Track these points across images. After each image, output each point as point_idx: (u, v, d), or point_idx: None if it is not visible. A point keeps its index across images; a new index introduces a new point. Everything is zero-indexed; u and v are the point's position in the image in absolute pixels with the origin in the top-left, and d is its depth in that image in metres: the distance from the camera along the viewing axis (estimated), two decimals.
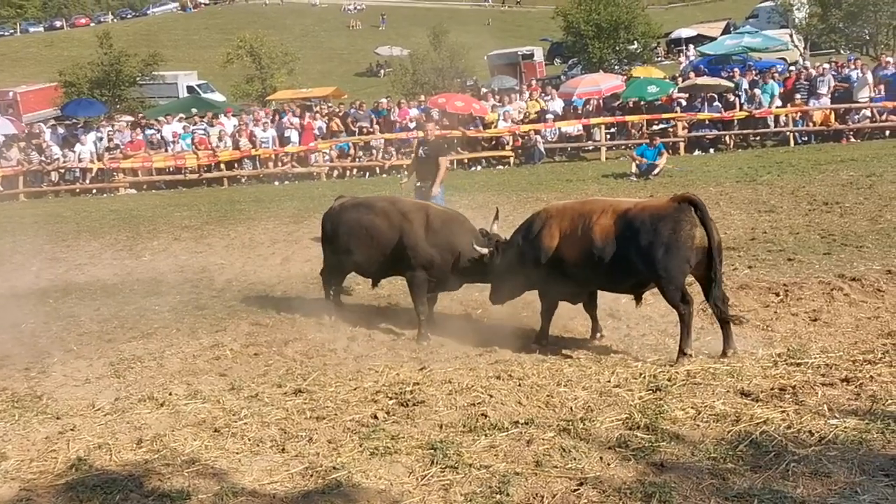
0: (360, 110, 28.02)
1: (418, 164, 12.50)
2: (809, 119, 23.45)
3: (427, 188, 12.07)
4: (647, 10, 43.89)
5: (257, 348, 8.77)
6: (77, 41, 64.93)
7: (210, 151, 26.06)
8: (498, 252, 8.63)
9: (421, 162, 12.43)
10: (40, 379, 8.12)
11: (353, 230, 9.58)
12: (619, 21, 38.86)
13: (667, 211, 7.49)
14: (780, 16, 41.33)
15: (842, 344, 7.54)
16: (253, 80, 43.56)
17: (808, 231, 12.07)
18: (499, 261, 8.62)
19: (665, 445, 5.59)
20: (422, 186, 12.20)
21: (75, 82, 41.61)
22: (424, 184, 12.22)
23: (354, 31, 75.06)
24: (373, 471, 5.54)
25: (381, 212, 9.53)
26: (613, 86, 27.27)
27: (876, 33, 34.05)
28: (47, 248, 15.55)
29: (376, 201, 10.06)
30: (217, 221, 17.44)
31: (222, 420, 6.62)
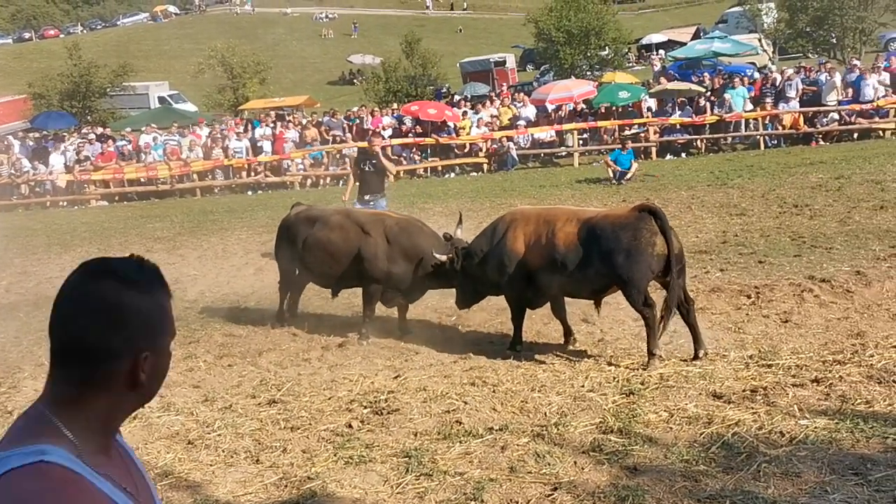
0: (334, 119, 28.00)
1: (364, 177, 12.08)
2: (779, 122, 23.69)
3: (376, 200, 11.89)
4: (617, 15, 44.15)
5: (231, 359, 8.72)
6: (46, 53, 64.36)
7: (182, 162, 25.93)
8: (459, 257, 8.66)
9: (366, 175, 12.05)
10: (11, 394, 8.03)
11: (309, 242, 9.56)
12: (589, 27, 39.11)
13: (628, 220, 7.62)
14: (748, 21, 41.78)
15: (812, 345, 7.61)
16: (225, 89, 43.38)
17: (779, 233, 12.19)
18: (460, 266, 8.65)
19: (638, 449, 5.63)
20: (370, 199, 11.89)
21: (45, 94, 41.31)
22: (373, 196, 11.96)
23: (326, 39, 74.98)
24: (348, 480, 5.54)
25: (337, 224, 9.52)
26: (585, 92, 27.42)
27: (842, 37, 34.45)
28: (17, 261, 15.40)
29: (332, 213, 10.03)
30: (190, 232, 17.35)
31: (196, 432, 6.60)
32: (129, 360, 1.69)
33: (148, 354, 1.71)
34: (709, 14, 59.39)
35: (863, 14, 33.59)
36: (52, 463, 1.59)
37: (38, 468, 1.58)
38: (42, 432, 1.65)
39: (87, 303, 1.68)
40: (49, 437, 1.64)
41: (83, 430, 1.68)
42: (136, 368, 1.69)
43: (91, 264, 1.76)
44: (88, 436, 1.69)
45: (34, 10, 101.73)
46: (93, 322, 1.66)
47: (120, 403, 1.74)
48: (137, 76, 46.47)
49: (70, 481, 1.60)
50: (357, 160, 12.60)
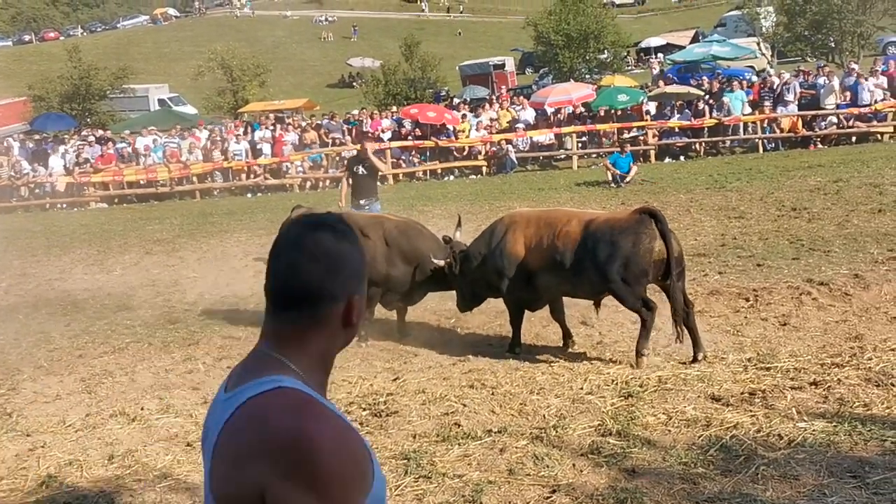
0: (333, 121, 28.02)
1: (356, 181, 12.03)
2: (777, 126, 23.71)
3: (371, 205, 11.85)
4: (616, 19, 44.16)
5: (230, 361, 8.70)
6: (46, 55, 64.35)
7: (181, 164, 25.94)
8: (457, 261, 8.67)
9: (359, 179, 12.00)
10: (10, 396, 8.03)
11: None
12: (588, 31, 39.08)
13: (628, 223, 7.63)
14: (747, 24, 41.82)
15: (810, 348, 7.62)
16: (224, 92, 43.37)
17: (777, 237, 12.20)
18: (458, 269, 8.67)
19: (637, 451, 5.64)
20: (366, 204, 11.84)
21: (45, 96, 41.35)
22: (368, 200, 11.91)
23: (326, 42, 74.92)
24: None
25: None
26: (584, 95, 27.45)
27: (840, 41, 34.48)
28: (17, 263, 15.40)
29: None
30: (189, 234, 17.36)
31: (195, 434, 6.59)
32: (344, 302, 1.89)
33: (357, 297, 1.92)
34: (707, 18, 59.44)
35: (861, 18, 33.63)
36: (289, 387, 1.79)
37: (277, 391, 1.77)
38: (272, 367, 1.83)
39: (311, 251, 1.87)
40: (279, 370, 1.83)
41: (307, 366, 1.87)
42: (350, 309, 1.90)
43: (305, 218, 1.95)
44: (311, 373, 1.87)
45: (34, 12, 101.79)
46: (317, 268, 1.86)
47: (335, 341, 1.93)
48: (137, 79, 46.45)
49: (310, 399, 1.79)
50: (350, 164, 12.54)
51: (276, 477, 1.65)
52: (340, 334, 1.92)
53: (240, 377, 1.87)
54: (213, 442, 1.80)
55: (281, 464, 1.66)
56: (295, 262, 1.86)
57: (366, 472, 1.74)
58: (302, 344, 1.87)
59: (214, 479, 1.76)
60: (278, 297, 1.89)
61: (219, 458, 1.76)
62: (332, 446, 1.69)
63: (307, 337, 1.87)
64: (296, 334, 1.87)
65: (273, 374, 1.80)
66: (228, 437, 1.75)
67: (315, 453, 1.66)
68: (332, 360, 1.96)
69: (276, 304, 1.89)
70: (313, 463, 1.66)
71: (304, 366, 1.85)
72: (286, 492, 1.64)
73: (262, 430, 1.70)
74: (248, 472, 1.68)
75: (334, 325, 1.89)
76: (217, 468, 1.76)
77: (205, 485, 1.87)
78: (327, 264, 1.86)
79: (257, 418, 1.72)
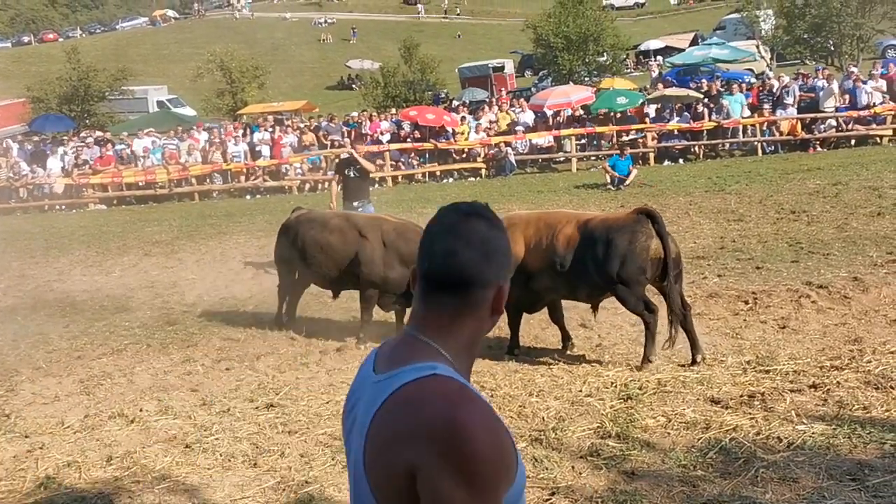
0: (332, 123, 28.02)
1: (350, 184, 12.06)
2: (777, 129, 23.73)
3: (364, 206, 11.86)
4: (615, 22, 44.21)
5: (229, 363, 8.72)
6: (45, 56, 64.40)
7: (180, 166, 25.94)
8: None
9: (351, 181, 12.03)
10: (8, 397, 8.02)
11: (307, 245, 9.59)
12: (588, 33, 39.13)
13: (625, 223, 7.64)
14: (746, 27, 41.81)
15: (809, 351, 7.62)
16: (223, 94, 43.36)
17: (776, 239, 12.20)
18: None
19: (636, 454, 5.64)
20: (359, 206, 11.84)
21: (43, 98, 41.32)
22: (361, 202, 11.93)
23: (325, 44, 74.95)
24: (345, 484, 5.51)
25: (336, 227, 9.54)
26: (583, 97, 27.46)
27: (840, 44, 34.50)
28: (15, 264, 15.39)
29: (331, 216, 10.07)
30: (188, 236, 17.35)
31: (193, 436, 6.59)
32: (494, 289, 1.94)
33: (505, 284, 1.97)
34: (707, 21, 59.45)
35: (860, 21, 33.64)
36: (444, 375, 1.84)
37: (433, 378, 1.83)
38: (425, 352, 1.90)
39: (467, 237, 1.92)
40: (432, 356, 1.89)
41: (456, 352, 1.93)
42: (500, 295, 1.96)
43: (461, 206, 2.00)
44: (460, 358, 1.94)
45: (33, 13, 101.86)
46: (473, 254, 1.91)
47: (482, 327, 1.98)
48: (136, 80, 46.40)
49: (464, 388, 1.85)
50: (341, 167, 12.52)
51: (428, 460, 1.72)
52: (487, 321, 1.97)
53: (391, 360, 1.93)
54: (364, 423, 1.86)
55: (435, 448, 1.72)
56: (453, 248, 1.91)
57: (511, 464, 1.80)
58: (452, 330, 1.93)
59: (368, 458, 1.83)
60: (433, 281, 1.94)
61: (373, 439, 1.82)
62: (484, 436, 1.75)
63: (458, 323, 1.93)
64: (447, 320, 1.93)
65: (427, 360, 1.87)
66: (384, 420, 1.82)
67: (468, 441, 1.72)
68: (479, 347, 2.03)
69: (431, 288, 1.95)
70: (466, 450, 1.72)
71: (454, 352, 1.92)
72: (437, 474, 1.71)
73: (418, 416, 1.76)
74: (403, 454, 1.75)
75: (483, 310, 1.94)
76: (371, 449, 1.83)
77: (350, 461, 1.95)
78: (482, 251, 1.92)
79: (414, 404, 1.79)
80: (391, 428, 1.79)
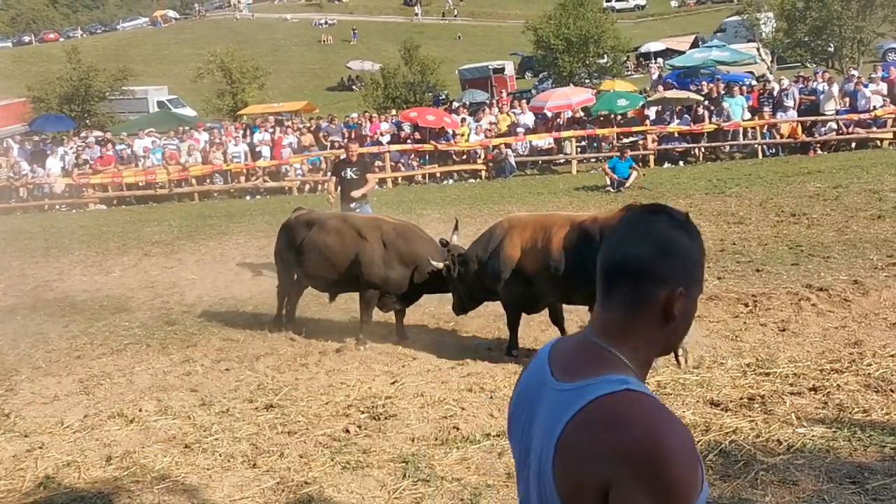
0: (332, 124, 28.02)
1: (347, 185, 12.05)
2: (777, 132, 23.72)
3: (361, 207, 11.86)
4: (616, 24, 44.23)
5: (228, 363, 8.72)
6: (46, 56, 64.42)
7: (180, 166, 25.94)
8: (455, 264, 8.67)
9: (349, 183, 12.01)
10: (8, 397, 8.02)
11: (306, 246, 9.58)
12: (588, 35, 39.14)
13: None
14: (747, 30, 41.83)
15: (809, 353, 7.62)
16: (224, 94, 43.37)
17: (777, 242, 12.20)
18: (456, 272, 8.66)
19: None
20: (356, 207, 11.84)
21: (44, 98, 41.35)
22: (358, 204, 11.93)
23: (325, 45, 74.99)
24: (344, 485, 5.54)
25: (334, 228, 9.54)
26: (584, 99, 27.46)
27: (840, 47, 34.51)
28: (15, 264, 15.39)
29: (330, 216, 10.07)
30: (188, 237, 17.35)
31: (193, 436, 6.59)
32: (668, 290, 1.88)
33: (682, 291, 1.90)
34: (707, 23, 59.50)
35: (861, 24, 33.66)
36: (637, 390, 1.81)
37: (629, 394, 1.80)
38: (611, 363, 1.87)
39: (643, 230, 1.91)
40: (620, 368, 1.86)
41: (636, 364, 1.89)
42: (671, 299, 1.88)
43: (649, 206, 1.99)
44: (640, 370, 1.91)
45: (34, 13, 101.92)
46: (645, 245, 1.88)
47: (654, 339, 1.93)
48: (137, 80, 46.47)
49: (662, 406, 1.81)
50: (336, 169, 12.51)
51: (625, 479, 1.71)
52: (659, 333, 1.92)
53: (574, 368, 1.90)
54: (553, 433, 1.84)
55: (633, 469, 1.71)
56: (625, 240, 1.91)
57: (698, 482, 1.78)
58: (627, 337, 1.90)
59: (559, 469, 1.81)
60: (606, 274, 1.93)
61: (566, 451, 1.81)
62: (682, 458, 1.74)
63: (633, 326, 1.90)
64: (622, 322, 1.90)
65: (616, 372, 1.85)
66: (579, 434, 1.80)
67: (667, 464, 1.71)
68: (652, 362, 1.99)
69: (605, 284, 1.93)
70: (662, 471, 1.71)
71: (635, 363, 1.90)
72: (633, 494, 1.71)
73: (617, 432, 1.75)
74: (600, 471, 1.74)
75: (656, 315, 1.89)
76: (562, 461, 1.81)
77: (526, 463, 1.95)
78: (656, 246, 1.88)
79: (611, 420, 1.77)
80: (587, 443, 1.78)
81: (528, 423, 1.98)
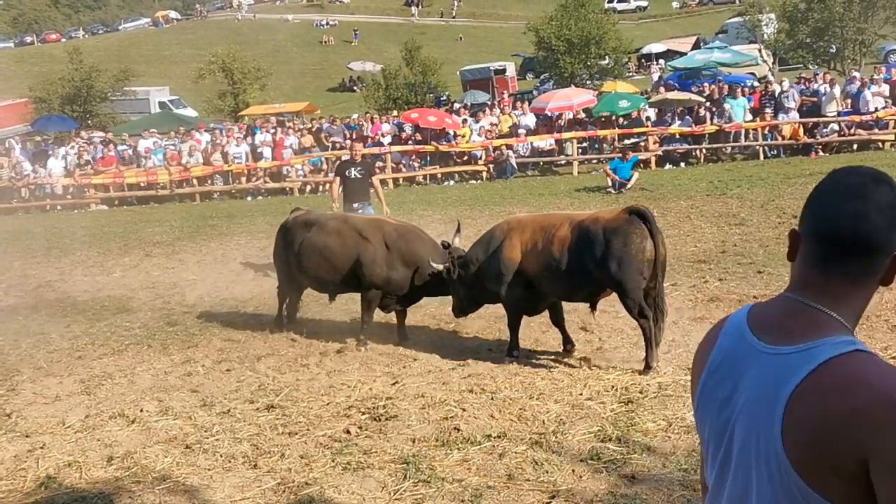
0: (334, 125, 28.05)
1: (351, 185, 12.00)
2: (779, 133, 23.73)
3: (364, 208, 11.85)
4: (617, 25, 44.23)
5: (229, 364, 8.72)
6: (48, 57, 64.46)
7: (181, 167, 25.97)
8: (455, 266, 8.66)
9: (354, 183, 11.98)
10: (9, 397, 8.03)
11: (306, 247, 9.58)
12: (589, 36, 39.14)
13: (618, 223, 7.61)
14: (748, 31, 41.83)
15: None
16: (225, 95, 43.40)
17: (778, 244, 12.19)
18: (456, 275, 8.66)
19: (636, 457, 5.63)
20: (359, 207, 11.80)
21: (46, 98, 41.42)
22: (361, 204, 11.91)
23: (327, 46, 75.04)
24: (345, 486, 5.54)
25: (335, 229, 9.54)
26: (585, 100, 27.47)
27: (842, 49, 34.50)
28: (17, 264, 15.40)
29: (330, 217, 10.06)
30: (189, 237, 17.36)
31: (194, 436, 6.60)
32: (891, 258, 1.87)
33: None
34: (709, 24, 59.51)
35: (863, 26, 33.64)
36: (866, 351, 1.79)
37: (861, 354, 1.77)
38: (830, 325, 1.85)
39: (877, 202, 1.85)
40: (839, 330, 1.84)
41: (852, 323, 1.88)
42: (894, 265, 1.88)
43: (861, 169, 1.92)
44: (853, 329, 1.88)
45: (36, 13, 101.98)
46: (882, 220, 1.85)
47: (868, 300, 1.94)
48: (138, 81, 46.54)
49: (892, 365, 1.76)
50: (341, 168, 12.49)
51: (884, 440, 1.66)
52: (873, 294, 1.93)
53: (789, 333, 1.86)
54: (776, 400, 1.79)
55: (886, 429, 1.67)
56: (863, 211, 1.85)
57: None
58: (849, 298, 1.89)
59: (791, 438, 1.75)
60: (837, 245, 1.88)
61: (797, 419, 1.75)
62: None
63: (856, 291, 1.89)
64: (844, 288, 1.88)
65: (837, 333, 1.82)
66: (812, 398, 1.74)
67: None
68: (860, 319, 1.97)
69: (833, 253, 1.89)
70: None
71: (851, 324, 1.88)
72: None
73: (859, 395, 1.70)
74: (852, 438, 1.69)
75: (874, 282, 1.90)
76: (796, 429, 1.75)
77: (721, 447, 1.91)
78: (890, 216, 1.85)
79: (849, 382, 1.72)
80: (827, 409, 1.72)
81: (731, 392, 1.91)
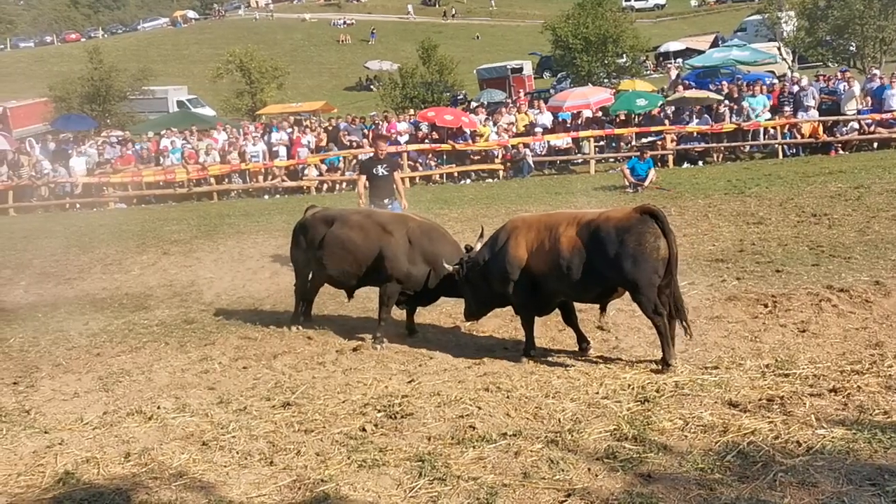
0: (353, 124, 28.09)
1: (377, 182, 12.01)
2: (798, 131, 23.56)
3: (392, 204, 11.84)
4: (635, 23, 44.09)
5: (246, 361, 8.75)
6: (67, 56, 64.92)
7: (199, 166, 26.06)
8: (464, 268, 8.64)
9: (380, 180, 11.99)
10: (28, 393, 8.09)
11: (328, 242, 9.58)
12: (607, 35, 39.01)
13: (630, 222, 7.54)
14: (767, 29, 41.55)
15: (830, 354, 7.56)
16: (243, 94, 43.57)
17: (797, 243, 12.11)
18: (465, 277, 8.63)
19: (653, 456, 5.60)
20: (388, 203, 11.81)
21: (65, 97, 41.72)
22: (390, 200, 11.91)
23: (344, 45, 75.18)
24: (361, 483, 5.54)
25: (358, 224, 9.55)
26: (602, 99, 27.38)
27: (862, 46, 34.23)
28: (36, 262, 15.50)
29: (352, 212, 10.07)
30: (206, 235, 17.41)
31: (210, 433, 6.62)
32: None
33: None
34: (727, 22, 59.22)
35: (883, 23, 33.35)
36: None
37: None
38: None
39: None
40: None
41: None
42: None
43: None
44: None
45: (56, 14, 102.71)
46: None
47: None
48: (157, 80, 46.79)
49: None
50: (366, 166, 12.48)
51: None
52: None
53: None
54: None
55: None
56: None
57: None
58: None
59: None
60: None
61: None
62: None
63: None
64: None
65: None
66: None
67: None
68: None
69: None
70: None
71: None
72: None
73: None
74: None
75: None
76: None
77: None
78: None
79: None
80: None
81: None
